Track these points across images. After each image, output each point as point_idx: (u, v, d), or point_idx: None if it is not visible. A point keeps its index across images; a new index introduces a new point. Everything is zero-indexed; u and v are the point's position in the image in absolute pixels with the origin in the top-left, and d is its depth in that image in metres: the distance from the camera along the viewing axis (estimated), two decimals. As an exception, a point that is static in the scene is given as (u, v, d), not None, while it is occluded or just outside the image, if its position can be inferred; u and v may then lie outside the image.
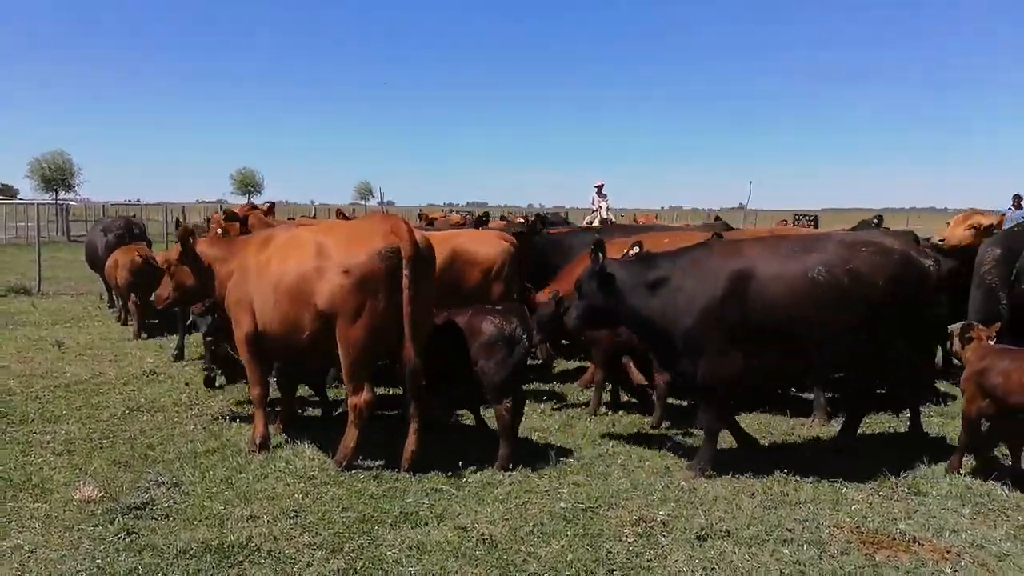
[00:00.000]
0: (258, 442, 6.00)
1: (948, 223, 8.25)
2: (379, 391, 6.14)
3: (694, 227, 12.46)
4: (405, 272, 5.39)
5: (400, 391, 6.39)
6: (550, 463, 5.81)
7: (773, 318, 5.41)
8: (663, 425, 6.82)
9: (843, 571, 4.15)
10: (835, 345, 5.55)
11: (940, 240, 7.98)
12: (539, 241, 9.86)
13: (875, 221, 9.29)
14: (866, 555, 4.39)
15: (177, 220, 10.02)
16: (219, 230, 7.84)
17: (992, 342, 5.63)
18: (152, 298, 6.78)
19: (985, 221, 7.70)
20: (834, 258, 5.49)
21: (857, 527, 4.76)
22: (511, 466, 5.66)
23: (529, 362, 7.27)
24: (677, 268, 5.70)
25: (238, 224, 8.57)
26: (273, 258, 5.80)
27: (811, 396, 7.73)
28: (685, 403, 7.45)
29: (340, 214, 14.08)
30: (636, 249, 6.11)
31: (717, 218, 17.98)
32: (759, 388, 8.23)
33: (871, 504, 5.13)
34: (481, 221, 13.38)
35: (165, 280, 6.53)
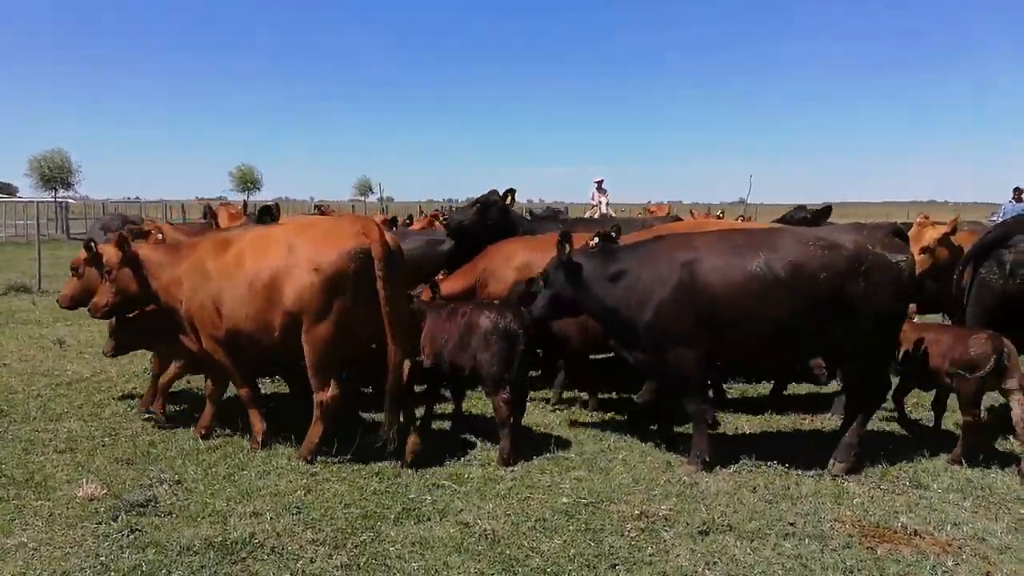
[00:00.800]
0: (259, 440, 6.01)
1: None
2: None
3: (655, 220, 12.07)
4: (378, 273, 5.46)
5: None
6: (552, 458, 5.83)
7: (719, 311, 5.48)
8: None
9: (845, 565, 4.16)
10: (787, 338, 5.56)
11: None
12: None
13: (806, 215, 9.09)
14: (868, 548, 4.41)
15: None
16: (160, 235, 7.62)
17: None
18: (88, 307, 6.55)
19: (935, 235, 7.57)
20: (780, 253, 5.49)
21: (859, 521, 4.77)
22: (512, 460, 5.68)
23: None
24: (635, 260, 5.84)
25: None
26: (245, 257, 5.77)
27: (810, 390, 7.76)
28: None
29: (319, 210, 13.82)
30: (595, 240, 6.19)
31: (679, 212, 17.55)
32: (757, 381, 8.29)
33: (872, 498, 5.15)
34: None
35: (104, 287, 6.31)
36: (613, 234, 6.28)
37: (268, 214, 8.32)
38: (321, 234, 5.67)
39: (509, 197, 8.53)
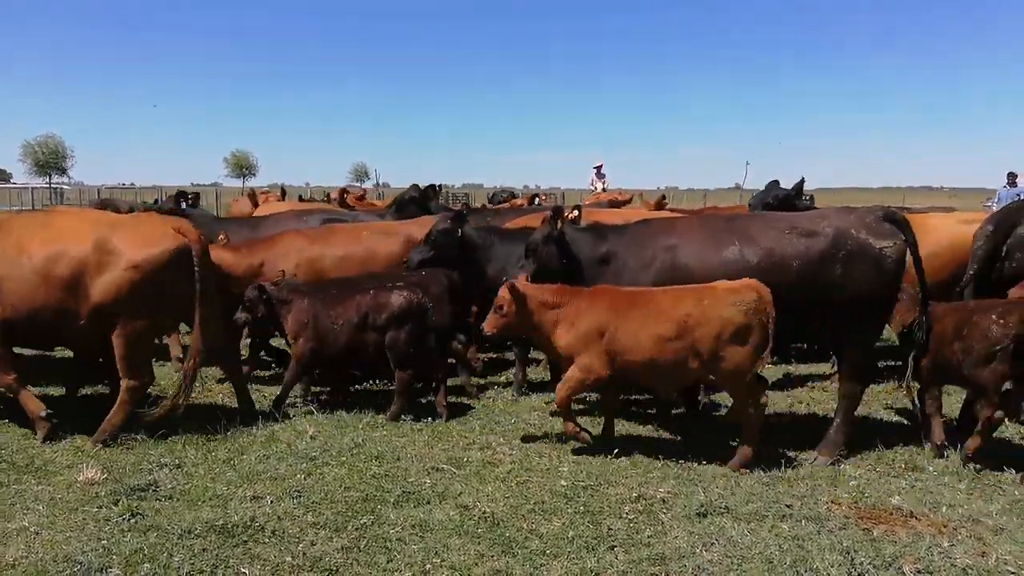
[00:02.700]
0: (38, 429, 5.91)
1: None
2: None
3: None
4: (196, 269, 5.76)
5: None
6: (549, 442, 5.86)
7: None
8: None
9: (841, 546, 4.20)
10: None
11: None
12: None
13: (779, 191, 9.14)
14: (864, 530, 4.45)
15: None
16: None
17: None
18: None
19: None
20: (756, 240, 5.55)
21: (855, 503, 4.82)
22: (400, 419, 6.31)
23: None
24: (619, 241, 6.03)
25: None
26: (32, 243, 5.71)
27: (808, 372, 7.79)
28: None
29: (252, 195, 13.44)
30: (576, 213, 6.40)
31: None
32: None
33: (869, 480, 5.19)
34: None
35: None
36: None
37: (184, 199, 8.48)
38: (139, 230, 5.84)
39: (431, 193, 8.80)
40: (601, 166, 20.15)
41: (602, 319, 5.37)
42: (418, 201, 9.26)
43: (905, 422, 6.46)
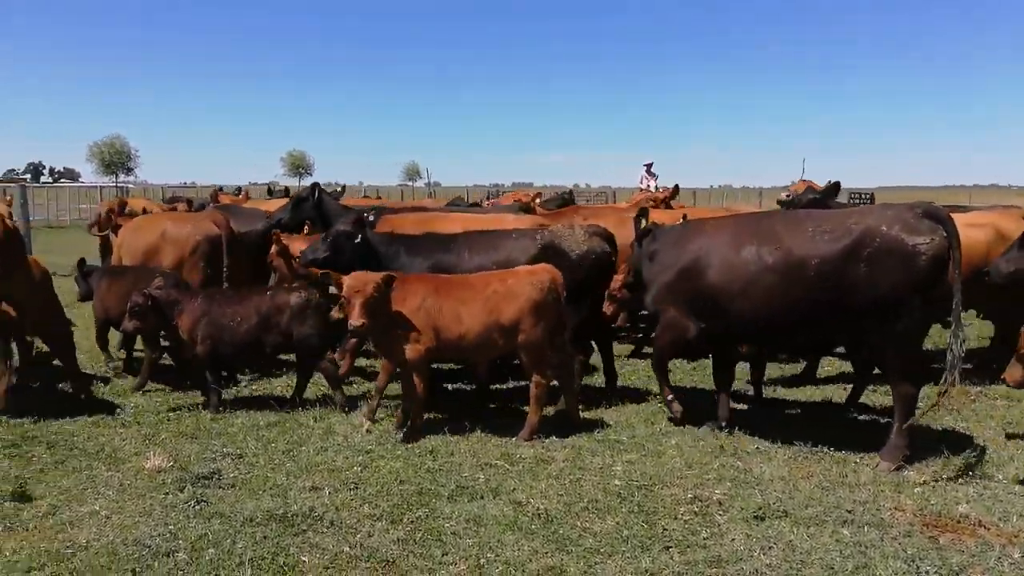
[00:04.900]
0: None
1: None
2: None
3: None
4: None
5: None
6: (603, 441, 5.84)
7: (716, 298, 5.75)
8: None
9: (905, 553, 4.09)
10: (788, 321, 5.58)
11: (786, 195, 8.82)
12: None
13: (814, 195, 8.91)
14: (929, 538, 4.31)
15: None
16: None
17: None
18: None
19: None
20: (777, 240, 5.50)
21: (920, 510, 4.67)
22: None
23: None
24: None
25: None
26: None
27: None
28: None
29: (215, 195, 13.49)
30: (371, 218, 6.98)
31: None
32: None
33: (934, 487, 5.02)
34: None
35: None
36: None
37: None
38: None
39: (318, 192, 8.89)
40: (651, 164, 19.95)
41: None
42: (305, 199, 9.38)
43: (972, 428, 6.23)
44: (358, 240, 6.72)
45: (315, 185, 8.93)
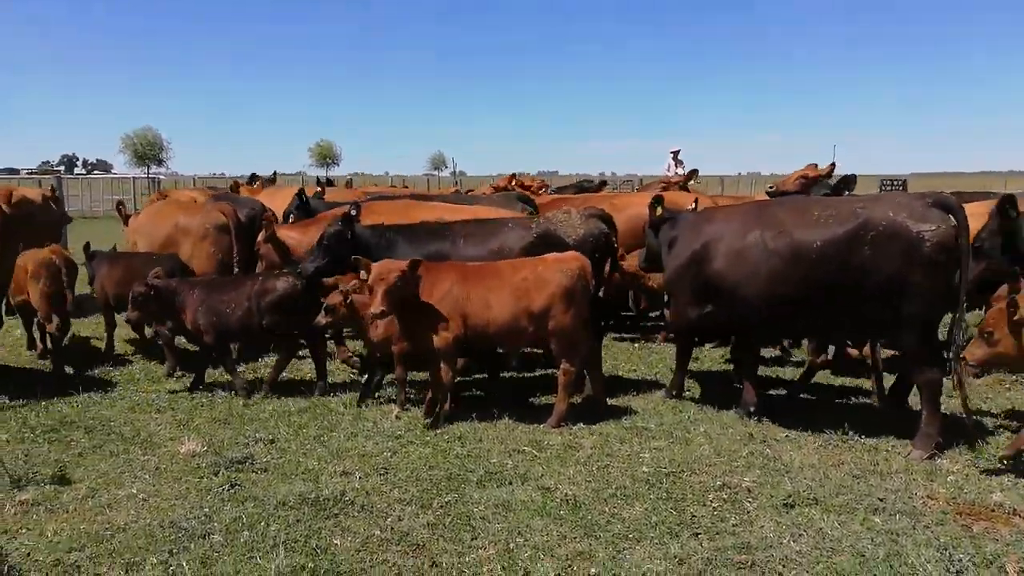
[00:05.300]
0: None
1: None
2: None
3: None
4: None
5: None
6: (630, 428, 5.84)
7: (721, 284, 5.95)
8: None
9: (938, 542, 4.04)
10: (790, 307, 5.69)
11: (770, 187, 8.95)
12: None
13: (827, 191, 8.80)
14: (962, 526, 4.26)
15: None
16: None
17: None
18: None
19: (811, 174, 8.57)
20: (781, 226, 5.63)
21: (952, 498, 4.61)
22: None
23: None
24: None
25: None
26: None
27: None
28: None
29: (236, 187, 13.31)
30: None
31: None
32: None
33: (967, 476, 4.96)
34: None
35: None
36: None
37: None
38: None
39: (258, 183, 9.15)
40: (679, 151, 19.75)
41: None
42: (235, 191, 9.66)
43: (1005, 417, 6.13)
44: (349, 237, 6.73)
45: (300, 191, 9.27)
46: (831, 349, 7.11)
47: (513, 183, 13.93)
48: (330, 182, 18.07)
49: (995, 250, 5.84)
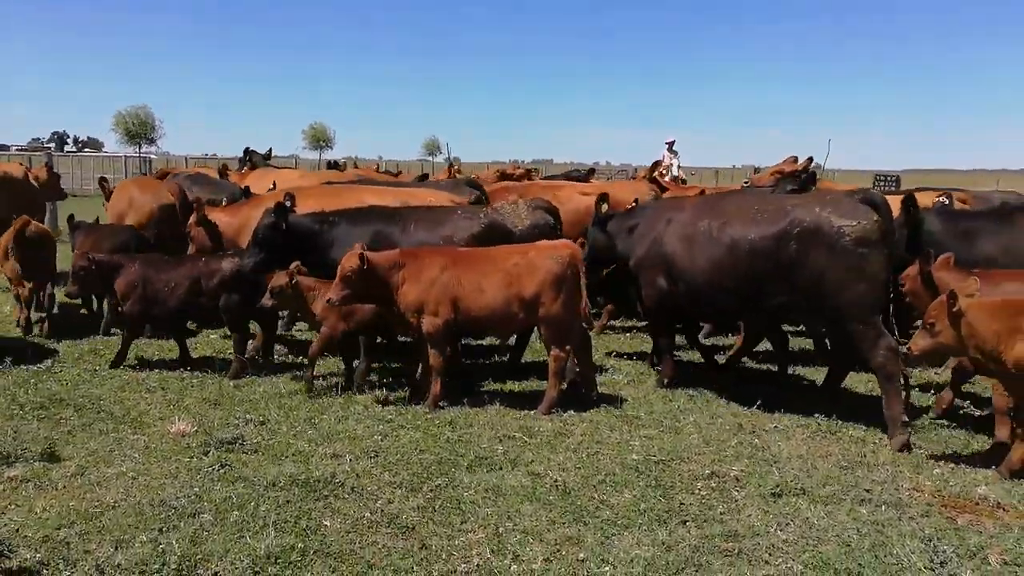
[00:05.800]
0: None
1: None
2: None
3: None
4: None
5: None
6: (620, 416, 5.87)
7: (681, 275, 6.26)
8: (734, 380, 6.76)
9: (923, 533, 4.09)
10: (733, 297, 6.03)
11: (745, 181, 9.39)
12: None
13: (794, 187, 8.92)
14: (948, 518, 4.31)
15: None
16: None
17: None
18: None
19: (787, 168, 9.02)
20: (726, 218, 5.98)
21: (938, 491, 4.67)
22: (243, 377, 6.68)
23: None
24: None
25: None
26: None
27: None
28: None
29: (224, 169, 13.13)
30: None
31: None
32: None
33: (953, 469, 5.01)
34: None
35: None
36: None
37: None
38: None
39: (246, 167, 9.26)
40: (673, 142, 19.73)
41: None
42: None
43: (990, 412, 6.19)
44: (284, 228, 6.60)
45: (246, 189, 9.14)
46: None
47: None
48: (337, 165, 18.09)
49: (900, 242, 6.20)
